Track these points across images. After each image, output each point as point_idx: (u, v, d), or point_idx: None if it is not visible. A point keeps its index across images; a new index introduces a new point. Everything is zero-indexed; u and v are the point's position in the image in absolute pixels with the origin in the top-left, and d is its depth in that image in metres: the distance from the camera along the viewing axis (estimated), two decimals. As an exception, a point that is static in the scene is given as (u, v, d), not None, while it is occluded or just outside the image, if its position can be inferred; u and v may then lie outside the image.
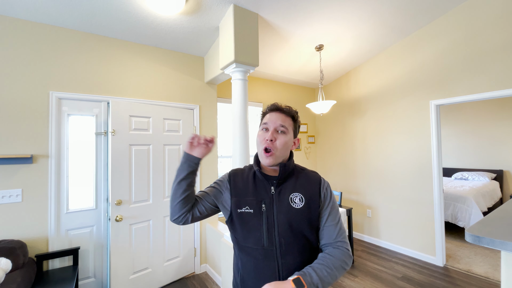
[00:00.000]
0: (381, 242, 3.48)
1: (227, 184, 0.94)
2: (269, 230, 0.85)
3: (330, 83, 4.25)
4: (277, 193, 0.89)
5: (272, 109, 0.93)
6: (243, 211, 0.88)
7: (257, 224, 0.86)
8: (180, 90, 2.80)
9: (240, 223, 0.88)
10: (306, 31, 2.71)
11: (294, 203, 0.87)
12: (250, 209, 0.87)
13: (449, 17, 2.73)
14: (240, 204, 0.89)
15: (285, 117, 0.91)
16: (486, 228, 0.98)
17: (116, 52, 2.43)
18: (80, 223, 2.25)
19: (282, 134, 0.89)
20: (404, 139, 3.21)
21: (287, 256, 0.84)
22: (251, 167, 0.97)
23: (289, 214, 0.85)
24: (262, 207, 0.87)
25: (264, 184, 0.91)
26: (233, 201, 0.90)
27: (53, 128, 2.13)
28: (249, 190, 0.90)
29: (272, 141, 0.87)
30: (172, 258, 2.63)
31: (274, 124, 0.89)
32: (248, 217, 0.87)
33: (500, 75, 2.42)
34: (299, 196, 0.88)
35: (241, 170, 0.99)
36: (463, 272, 2.71)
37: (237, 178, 0.94)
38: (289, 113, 0.93)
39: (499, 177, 4.72)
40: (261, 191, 0.90)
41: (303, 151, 4.32)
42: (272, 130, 0.88)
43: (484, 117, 4.89)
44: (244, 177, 0.95)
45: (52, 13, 2.02)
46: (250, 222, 0.87)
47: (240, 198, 0.90)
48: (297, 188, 0.90)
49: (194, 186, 0.93)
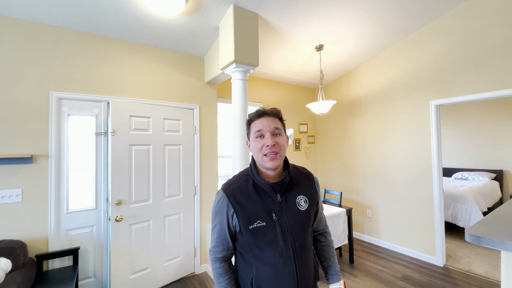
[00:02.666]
0: (381, 242, 3.48)
1: (229, 207, 0.88)
2: (284, 239, 0.86)
3: (330, 83, 4.25)
4: (284, 200, 0.90)
5: (259, 115, 0.91)
6: (255, 227, 0.86)
7: (273, 236, 0.86)
8: (180, 90, 2.80)
9: (255, 238, 0.86)
10: (306, 31, 2.71)
11: (300, 206, 0.91)
12: (262, 222, 0.86)
13: (449, 17, 2.73)
14: (250, 220, 0.86)
15: (275, 119, 0.91)
16: (486, 228, 0.98)
17: (116, 52, 2.43)
18: (80, 223, 2.25)
19: (279, 136, 0.90)
20: (404, 139, 3.21)
21: (302, 256, 0.89)
22: (247, 178, 0.93)
23: (299, 218, 0.89)
24: (273, 217, 0.87)
25: (268, 193, 0.90)
26: (241, 220, 0.86)
27: (53, 128, 2.13)
28: (255, 203, 0.88)
29: (275, 145, 0.86)
30: (172, 258, 2.63)
31: (268, 129, 0.88)
32: (262, 231, 0.86)
33: (500, 75, 2.42)
34: (304, 198, 0.93)
35: (235, 184, 0.92)
36: (463, 272, 2.71)
37: (236, 195, 0.89)
38: (277, 115, 0.93)
39: (499, 177, 4.72)
40: (268, 201, 0.89)
41: (303, 151, 4.32)
42: (269, 135, 0.87)
43: (484, 117, 4.89)
44: (244, 190, 0.90)
45: (52, 13, 2.02)
46: (265, 236, 0.85)
47: (249, 214, 0.86)
48: (300, 191, 0.93)
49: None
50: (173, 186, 2.65)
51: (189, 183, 2.79)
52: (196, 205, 2.84)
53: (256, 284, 0.88)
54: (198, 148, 2.86)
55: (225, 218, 0.89)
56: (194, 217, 2.83)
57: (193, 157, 2.84)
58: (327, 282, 1.02)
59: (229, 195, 0.89)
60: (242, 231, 0.87)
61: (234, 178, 0.95)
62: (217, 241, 0.92)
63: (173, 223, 2.64)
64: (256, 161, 0.92)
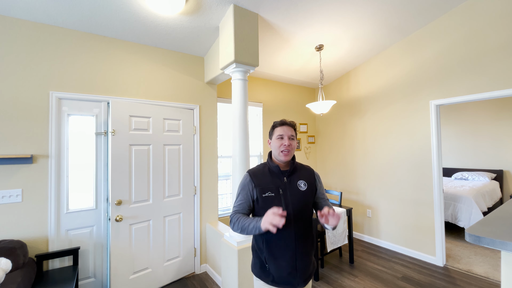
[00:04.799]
0: (381, 242, 3.48)
1: (251, 182, 1.28)
2: (286, 206, 1.23)
3: (330, 83, 4.25)
4: (289, 182, 1.28)
5: (282, 123, 1.33)
6: (267, 195, 1.24)
7: (278, 203, 1.23)
8: (180, 90, 2.80)
9: (265, 204, 1.23)
10: (306, 31, 2.71)
11: (300, 187, 1.28)
12: (272, 193, 1.24)
13: (449, 17, 2.73)
14: (264, 190, 1.25)
15: (292, 129, 1.32)
16: (486, 228, 0.98)
17: (116, 52, 2.43)
18: (80, 223, 2.25)
19: (292, 140, 1.30)
20: (404, 139, 3.21)
21: (298, 221, 1.24)
22: (265, 165, 1.35)
23: (298, 195, 1.26)
24: (280, 191, 1.25)
25: (278, 176, 1.29)
26: (257, 190, 1.25)
27: (53, 128, 2.13)
28: (268, 180, 1.28)
29: (289, 145, 1.27)
30: (172, 258, 2.63)
31: (287, 134, 1.29)
32: (270, 199, 1.24)
33: (500, 75, 2.42)
34: (303, 182, 1.30)
35: (257, 168, 1.35)
36: (463, 272, 2.71)
37: (257, 174, 1.30)
38: (293, 126, 1.34)
39: (499, 177, 4.72)
40: (277, 181, 1.28)
41: (303, 151, 4.32)
42: (286, 139, 1.28)
43: (484, 117, 4.89)
44: (262, 172, 1.32)
45: (52, 13, 2.02)
46: (273, 203, 1.23)
47: (263, 186, 1.26)
48: (301, 177, 1.32)
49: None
50: (173, 186, 2.65)
51: (189, 183, 2.79)
52: (196, 205, 2.84)
53: (265, 240, 1.25)
54: (198, 148, 2.86)
55: (248, 189, 1.28)
56: (194, 217, 2.83)
57: (193, 157, 2.84)
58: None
59: (251, 175, 1.31)
60: (258, 199, 1.25)
61: (256, 166, 1.38)
62: (241, 201, 1.28)
63: (173, 223, 2.64)
64: (273, 155, 1.33)
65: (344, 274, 2.75)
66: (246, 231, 1.15)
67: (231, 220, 1.24)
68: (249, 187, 1.28)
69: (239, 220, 1.19)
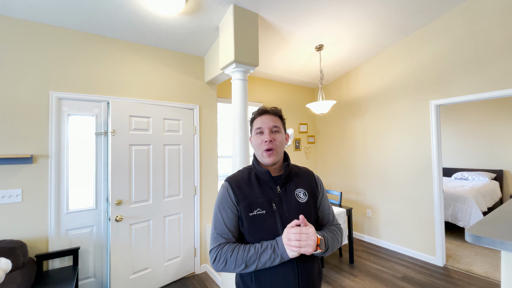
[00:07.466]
0: (381, 242, 3.48)
1: (231, 195, 0.92)
2: (282, 227, 0.88)
3: (330, 83, 4.25)
4: (284, 191, 0.94)
5: (260, 113, 0.98)
6: (255, 214, 0.89)
7: (273, 224, 0.88)
8: (180, 90, 2.80)
9: (254, 225, 0.88)
10: (306, 31, 2.71)
11: (300, 198, 0.94)
12: (262, 210, 0.89)
13: (449, 17, 2.73)
14: (251, 207, 0.89)
15: (275, 118, 0.97)
16: (486, 228, 0.98)
17: (116, 52, 2.43)
18: (80, 223, 2.25)
19: (277, 133, 0.96)
20: (404, 139, 3.21)
21: None
22: (250, 171, 0.99)
23: (298, 209, 0.91)
24: (273, 206, 0.90)
25: (269, 185, 0.95)
26: (242, 207, 0.90)
27: (53, 128, 2.13)
28: (256, 192, 0.92)
29: (272, 141, 0.93)
30: (172, 258, 2.63)
31: (267, 126, 0.95)
32: (261, 218, 0.88)
33: (500, 75, 2.42)
34: (303, 191, 0.96)
35: (239, 175, 0.98)
36: (463, 272, 2.71)
37: (239, 184, 0.94)
38: (277, 113, 0.99)
39: (499, 177, 4.71)
40: (268, 191, 0.93)
41: (303, 151, 4.32)
42: (267, 132, 0.94)
43: (484, 117, 4.89)
44: (246, 181, 0.95)
45: (52, 13, 2.02)
46: (265, 223, 0.88)
47: (250, 201, 0.90)
48: (299, 184, 0.98)
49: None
50: (173, 186, 2.65)
51: (189, 183, 2.79)
52: (196, 205, 2.84)
53: (255, 277, 0.88)
54: (198, 148, 2.86)
55: (226, 205, 0.92)
56: (194, 217, 2.83)
57: (193, 157, 2.84)
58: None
59: (231, 184, 0.94)
60: (243, 220, 0.90)
61: (237, 171, 1.02)
62: (224, 224, 0.90)
63: (173, 223, 2.64)
64: (257, 156, 0.98)
65: (344, 274, 2.75)
66: (255, 264, 0.82)
67: (217, 256, 0.86)
68: (230, 203, 0.91)
69: (234, 251, 0.84)
